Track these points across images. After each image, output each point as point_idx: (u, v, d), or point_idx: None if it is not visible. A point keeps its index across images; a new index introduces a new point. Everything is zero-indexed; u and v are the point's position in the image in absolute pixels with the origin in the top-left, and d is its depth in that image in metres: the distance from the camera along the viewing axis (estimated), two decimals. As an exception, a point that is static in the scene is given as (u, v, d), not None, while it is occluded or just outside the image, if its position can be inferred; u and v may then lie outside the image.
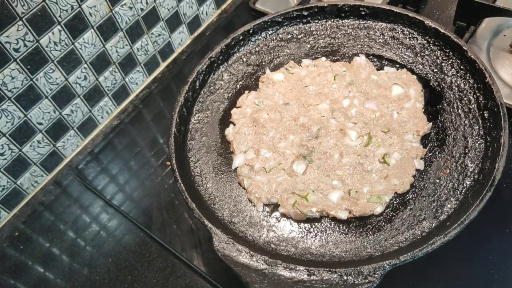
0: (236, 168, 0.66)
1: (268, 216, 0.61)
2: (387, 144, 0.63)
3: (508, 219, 0.62)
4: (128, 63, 0.90)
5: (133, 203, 0.78)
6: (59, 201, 0.82)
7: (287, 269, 0.53)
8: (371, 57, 0.74)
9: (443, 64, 0.68)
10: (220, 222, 0.61)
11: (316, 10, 0.77)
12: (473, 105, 0.63)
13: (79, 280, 0.71)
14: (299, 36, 0.78)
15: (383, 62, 0.73)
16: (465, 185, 0.57)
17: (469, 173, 0.58)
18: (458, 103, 0.64)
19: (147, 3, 0.87)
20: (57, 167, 0.86)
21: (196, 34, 1.02)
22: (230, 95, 0.75)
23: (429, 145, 0.63)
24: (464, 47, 0.65)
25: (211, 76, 0.76)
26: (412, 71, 0.70)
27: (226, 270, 0.54)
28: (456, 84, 0.66)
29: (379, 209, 0.58)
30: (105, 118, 0.91)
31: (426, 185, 0.60)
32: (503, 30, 0.78)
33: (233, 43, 0.77)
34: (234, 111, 0.72)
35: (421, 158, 0.62)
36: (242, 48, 0.78)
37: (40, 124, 0.79)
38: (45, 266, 0.74)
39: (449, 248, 0.51)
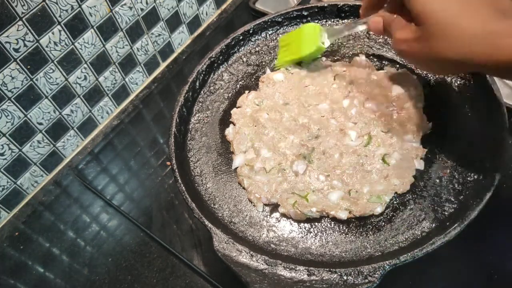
0: (236, 168, 0.66)
1: (268, 216, 0.61)
2: (387, 144, 0.63)
3: (508, 219, 0.62)
4: (128, 63, 0.90)
5: (133, 203, 0.78)
6: (59, 201, 0.82)
7: (287, 269, 0.53)
8: (371, 57, 0.74)
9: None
10: (220, 222, 0.61)
11: (316, 10, 0.77)
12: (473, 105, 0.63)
13: (79, 280, 0.71)
14: (299, 36, 0.78)
15: (383, 62, 0.73)
16: (465, 185, 0.57)
17: (469, 173, 0.58)
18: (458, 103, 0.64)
19: (147, 3, 0.87)
20: (57, 167, 0.86)
21: (196, 34, 1.02)
22: (230, 95, 0.75)
23: (429, 145, 0.63)
24: (464, 47, 0.65)
25: (211, 76, 0.76)
26: (412, 71, 0.70)
27: (226, 270, 0.54)
28: (456, 84, 0.66)
29: (379, 209, 0.58)
30: (105, 118, 0.91)
31: (426, 185, 0.60)
32: (503, 30, 0.78)
33: (233, 43, 0.77)
34: (234, 111, 0.72)
35: (421, 158, 0.62)
36: (242, 48, 0.78)
37: (40, 124, 0.79)
38: (45, 266, 0.74)
39: (449, 248, 0.51)
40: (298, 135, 0.66)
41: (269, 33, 0.79)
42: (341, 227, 0.59)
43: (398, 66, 0.72)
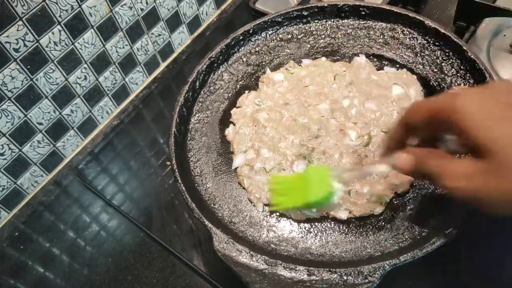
0: (236, 168, 0.66)
1: (268, 216, 0.61)
2: (387, 144, 0.63)
3: (508, 219, 0.62)
4: (128, 63, 0.90)
5: (133, 203, 0.78)
6: (59, 201, 0.82)
7: (287, 269, 0.53)
8: (371, 57, 0.74)
9: (443, 64, 0.68)
10: (220, 222, 0.61)
11: (316, 10, 0.77)
12: (473, 105, 0.63)
13: (79, 280, 0.71)
14: (299, 36, 0.78)
15: (383, 62, 0.73)
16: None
17: (469, 173, 0.58)
18: (458, 103, 0.64)
19: (147, 3, 0.87)
20: (57, 167, 0.86)
21: (196, 34, 1.02)
22: (230, 95, 0.75)
23: (429, 145, 0.63)
24: (464, 47, 0.65)
25: (211, 76, 0.76)
26: (412, 71, 0.70)
27: (226, 270, 0.54)
28: (456, 84, 0.66)
29: (379, 209, 0.58)
30: (105, 118, 0.91)
31: (426, 185, 0.60)
32: (503, 30, 0.78)
33: (233, 43, 0.77)
34: (234, 111, 0.72)
35: (421, 158, 0.62)
36: (242, 48, 0.78)
37: (40, 124, 0.79)
38: (45, 266, 0.74)
39: (449, 248, 0.51)
40: (298, 135, 0.66)
41: (269, 33, 0.79)
42: (341, 227, 0.59)
43: (398, 66, 0.72)
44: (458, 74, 0.66)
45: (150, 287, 0.67)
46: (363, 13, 0.76)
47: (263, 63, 0.77)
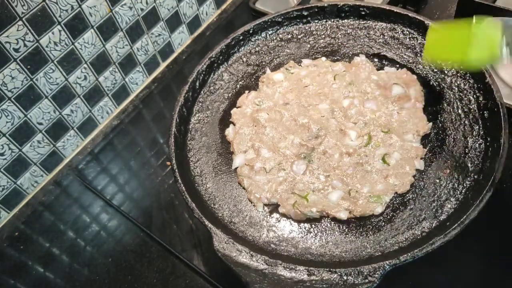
0: (236, 168, 0.66)
1: (268, 216, 0.61)
2: (387, 144, 0.63)
3: (508, 219, 0.62)
4: (128, 63, 0.90)
5: (133, 203, 0.78)
6: (59, 201, 0.82)
7: (287, 269, 0.53)
8: (371, 57, 0.74)
9: (443, 64, 0.68)
10: (220, 222, 0.61)
11: (316, 10, 0.77)
12: (473, 105, 0.63)
13: (79, 280, 0.71)
14: (299, 36, 0.78)
15: (383, 62, 0.73)
16: (465, 185, 0.57)
17: (469, 173, 0.58)
18: (458, 103, 0.65)
19: (147, 3, 0.87)
20: (57, 167, 0.86)
21: (196, 34, 1.02)
22: (230, 95, 0.75)
23: (429, 145, 0.63)
24: (464, 47, 0.65)
25: (211, 76, 0.76)
26: (412, 71, 0.70)
27: (226, 270, 0.54)
28: (456, 84, 0.66)
29: (379, 209, 0.58)
30: (105, 118, 0.91)
31: (426, 185, 0.60)
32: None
33: (233, 43, 0.77)
34: (234, 111, 0.72)
35: (421, 158, 0.62)
36: (242, 48, 0.78)
37: (40, 124, 0.79)
38: (45, 266, 0.74)
39: (449, 248, 0.51)
40: (298, 135, 0.66)
41: (269, 33, 0.79)
42: (341, 227, 0.59)
43: (398, 66, 0.72)
44: (458, 74, 0.66)
45: (150, 287, 0.67)
46: (363, 13, 0.76)
47: (263, 63, 0.77)
